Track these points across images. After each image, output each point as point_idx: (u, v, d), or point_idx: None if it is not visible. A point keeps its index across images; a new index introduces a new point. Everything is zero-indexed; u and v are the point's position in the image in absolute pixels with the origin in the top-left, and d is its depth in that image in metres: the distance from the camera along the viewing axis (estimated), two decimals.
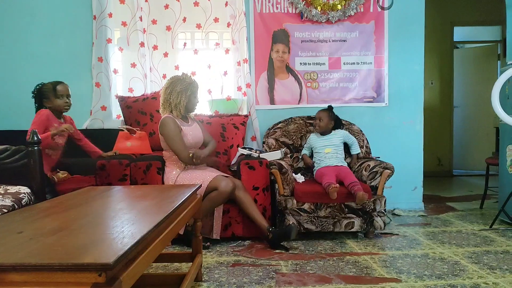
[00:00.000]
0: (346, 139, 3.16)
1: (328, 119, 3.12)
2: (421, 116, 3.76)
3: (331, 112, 3.15)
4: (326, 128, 3.13)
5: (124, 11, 3.49)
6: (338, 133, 3.16)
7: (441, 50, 5.89)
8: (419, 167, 3.77)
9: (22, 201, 2.18)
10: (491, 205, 3.86)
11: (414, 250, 2.58)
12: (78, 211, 1.53)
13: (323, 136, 3.15)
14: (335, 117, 3.18)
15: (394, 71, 3.73)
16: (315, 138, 3.18)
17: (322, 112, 3.15)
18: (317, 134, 3.18)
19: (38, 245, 1.05)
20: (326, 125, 3.12)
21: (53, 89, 2.69)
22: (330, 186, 2.68)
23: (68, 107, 2.75)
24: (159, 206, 1.60)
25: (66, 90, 2.74)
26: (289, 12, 3.64)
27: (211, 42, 3.63)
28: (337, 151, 3.08)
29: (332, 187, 2.67)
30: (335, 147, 3.09)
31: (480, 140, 6.03)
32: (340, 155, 3.09)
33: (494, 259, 2.38)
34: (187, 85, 2.76)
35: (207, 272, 2.24)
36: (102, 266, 0.90)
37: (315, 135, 3.19)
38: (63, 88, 2.72)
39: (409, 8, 3.69)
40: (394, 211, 3.65)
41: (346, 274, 2.18)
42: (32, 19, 3.51)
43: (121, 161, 2.75)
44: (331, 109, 3.17)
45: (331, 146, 3.08)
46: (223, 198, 2.64)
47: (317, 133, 3.18)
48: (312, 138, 3.21)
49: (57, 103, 2.70)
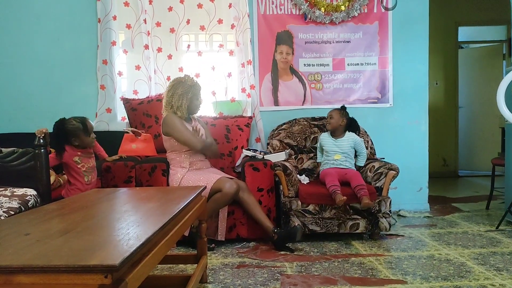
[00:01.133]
0: (356, 147, 3.06)
1: (338, 117, 3.04)
2: (426, 116, 3.75)
3: (343, 111, 3.08)
4: (337, 125, 3.04)
5: (128, 13, 3.51)
6: (350, 137, 3.05)
7: (446, 50, 5.86)
8: (424, 167, 3.75)
9: (28, 203, 2.20)
10: (497, 205, 3.83)
11: (419, 251, 2.57)
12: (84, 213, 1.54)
13: (334, 138, 3.07)
14: (348, 116, 3.09)
15: (399, 72, 3.72)
16: (326, 138, 3.10)
17: (334, 110, 3.10)
18: (328, 134, 3.13)
19: (45, 247, 1.06)
20: (336, 122, 3.04)
21: (84, 128, 2.56)
22: (337, 196, 2.66)
23: (94, 143, 2.68)
24: (164, 208, 1.60)
25: (92, 126, 2.65)
26: (293, 13, 3.64)
27: (215, 44, 3.64)
28: (346, 159, 3.00)
29: (339, 199, 2.65)
30: (345, 155, 3.01)
31: (485, 140, 5.99)
32: (349, 163, 3.02)
33: (500, 260, 2.37)
34: (188, 88, 2.77)
35: (212, 273, 2.24)
36: (108, 268, 0.90)
37: (327, 135, 3.12)
38: (91, 125, 2.64)
39: (413, 8, 3.68)
40: (399, 212, 3.64)
41: (351, 276, 2.17)
42: (37, 22, 3.54)
43: (127, 163, 2.76)
44: (344, 109, 3.10)
45: (340, 153, 3.01)
46: (228, 200, 2.64)
47: (328, 133, 3.12)
48: (323, 139, 3.13)
49: (87, 141, 2.60)
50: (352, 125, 3.12)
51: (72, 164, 2.56)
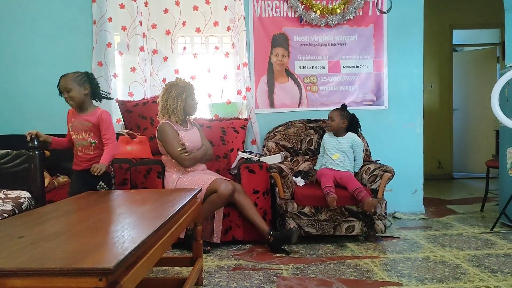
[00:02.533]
0: (353, 147, 3.01)
1: (339, 119, 3.00)
2: (421, 119, 3.77)
3: (343, 111, 3.03)
4: (338, 127, 3.01)
5: (123, 15, 3.50)
6: (350, 137, 3.02)
7: (440, 53, 5.90)
8: (419, 170, 3.77)
9: (22, 205, 2.18)
10: (492, 207, 3.85)
11: (415, 253, 2.58)
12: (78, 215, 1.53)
13: (336, 137, 3.05)
14: (349, 116, 3.04)
15: (394, 74, 3.73)
16: (328, 138, 3.09)
17: (334, 111, 3.06)
18: (330, 134, 3.11)
19: (39, 250, 1.05)
20: (338, 124, 3.00)
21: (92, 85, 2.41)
22: (330, 196, 2.67)
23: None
24: (160, 210, 1.60)
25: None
26: (288, 16, 3.65)
27: (210, 46, 3.64)
28: (344, 159, 2.99)
29: (330, 197, 2.66)
30: (344, 155, 3.00)
31: (480, 142, 6.03)
32: (347, 163, 3.00)
33: (495, 262, 2.38)
34: (181, 89, 2.77)
35: (208, 276, 2.23)
36: (103, 270, 0.90)
37: (328, 135, 3.11)
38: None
39: (408, 11, 3.70)
40: (395, 214, 3.65)
41: (347, 278, 2.17)
42: (33, 24, 3.52)
43: (122, 165, 2.75)
44: (344, 108, 3.05)
45: (339, 152, 3.00)
46: (223, 201, 2.64)
47: (330, 132, 3.10)
48: (325, 138, 3.11)
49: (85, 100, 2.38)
50: (353, 124, 3.07)
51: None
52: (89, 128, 2.32)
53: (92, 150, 2.34)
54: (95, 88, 2.40)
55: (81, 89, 2.31)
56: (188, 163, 2.74)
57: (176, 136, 2.73)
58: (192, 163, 2.77)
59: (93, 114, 2.34)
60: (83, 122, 2.33)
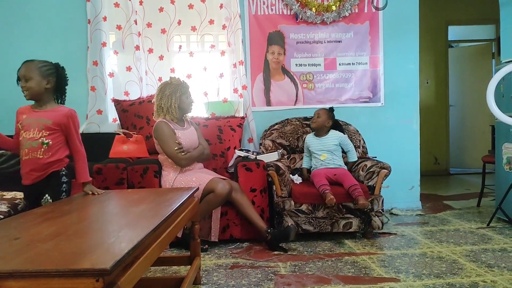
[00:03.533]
0: (342, 144, 3.05)
1: (326, 117, 3.04)
2: (417, 115, 3.77)
3: (331, 112, 3.08)
4: (322, 125, 3.04)
5: (118, 14, 3.49)
6: (334, 135, 3.05)
7: (436, 49, 5.91)
8: (416, 166, 3.78)
9: (18, 206, 2.17)
10: (488, 203, 3.87)
11: (412, 249, 2.59)
12: (74, 216, 1.53)
13: (319, 138, 3.07)
14: (334, 118, 3.10)
15: (390, 71, 3.74)
16: (311, 140, 3.11)
17: (322, 109, 3.10)
18: (312, 134, 3.14)
19: (35, 251, 1.05)
20: (323, 122, 3.03)
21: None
22: (327, 195, 2.68)
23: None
24: (157, 209, 1.60)
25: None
26: (284, 13, 3.65)
27: (206, 45, 3.63)
28: (332, 157, 3.01)
29: (329, 198, 2.66)
30: (330, 153, 3.01)
31: (476, 138, 6.05)
32: (337, 160, 3.02)
33: (492, 257, 2.39)
34: (175, 87, 2.77)
35: (206, 274, 2.23)
36: (100, 271, 0.89)
37: (311, 136, 3.14)
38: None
39: (403, 8, 3.70)
40: (392, 210, 3.66)
41: (344, 275, 2.18)
42: (27, 23, 3.49)
43: (118, 164, 2.74)
44: (332, 110, 3.11)
45: (326, 152, 3.01)
46: (220, 200, 2.63)
47: (313, 134, 3.14)
48: (308, 140, 3.13)
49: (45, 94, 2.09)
50: (337, 126, 3.13)
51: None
52: (46, 127, 1.99)
53: (42, 153, 1.98)
54: (61, 85, 2.11)
55: (42, 81, 2.01)
56: (184, 163, 2.74)
57: (173, 135, 2.73)
58: (188, 162, 2.77)
59: (56, 111, 2.03)
60: (41, 119, 2.00)
